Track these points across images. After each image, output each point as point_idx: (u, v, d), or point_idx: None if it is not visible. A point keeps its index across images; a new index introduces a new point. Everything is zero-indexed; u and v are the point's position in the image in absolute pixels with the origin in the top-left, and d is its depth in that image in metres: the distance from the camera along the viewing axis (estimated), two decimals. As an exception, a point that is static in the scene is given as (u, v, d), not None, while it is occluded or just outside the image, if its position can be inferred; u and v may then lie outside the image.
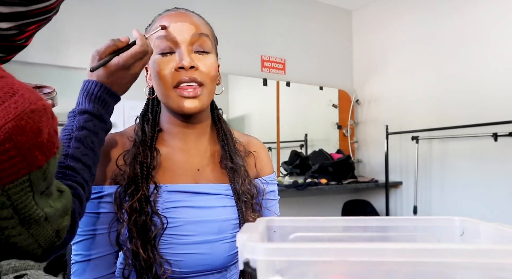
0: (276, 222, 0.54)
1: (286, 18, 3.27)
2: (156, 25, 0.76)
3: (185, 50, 0.73)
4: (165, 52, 0.74)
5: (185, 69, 0.72)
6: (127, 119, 2.52)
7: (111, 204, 0.73)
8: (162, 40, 0.74)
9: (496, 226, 0.46)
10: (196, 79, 0.73)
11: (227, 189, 0.79)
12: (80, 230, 0.72)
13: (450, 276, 0.37)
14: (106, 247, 0.74)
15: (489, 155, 2.57)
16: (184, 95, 0.72)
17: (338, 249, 0.34)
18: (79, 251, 0.73)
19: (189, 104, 0.73)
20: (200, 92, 0.73)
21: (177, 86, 0.73)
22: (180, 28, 0.74)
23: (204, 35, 0.76)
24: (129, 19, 2.59)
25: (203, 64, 0.74)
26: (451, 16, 2.83)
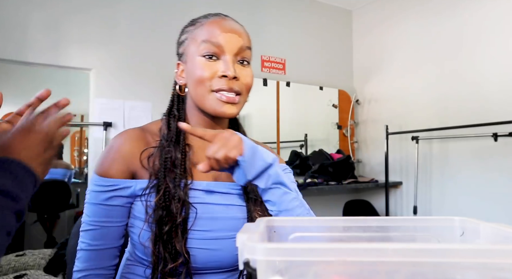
0: (276, 222, 0.54)
1: (286, 18, 3.27)
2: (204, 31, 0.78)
3: (231, 60, 0.77)
4: (210, 56, 0.76)
5: (228, 78, 0.75)
6: (127, 119, 2.53)
7: (124, 198, 0.76)
8: (209, 45, 0.76)
9: (496, 226, 0.46)
10: (236, 89, 0.77)
11: (240, 189, 0.83)
12: (90, 220, 0.76)
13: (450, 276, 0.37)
14: (112, 240, 0.78)
15: (489, 155, 2.57)
16: (224, 100, 0.76)
17: (338, 249, 0.34)
18: (85, 240, 0.77)
19: (228, 110, 0.77)
20: (237, 100, 0.77)
21: (216, 91, 0.76)
22: (229, 38, 0.77)
23: (248, 48, 0.80)
24: (129, 19, 2.59)
25: (243, 75, 0.78)
26: (451, 16, 2.83)
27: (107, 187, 0.75)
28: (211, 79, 0.76)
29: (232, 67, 0.76)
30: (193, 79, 0.77)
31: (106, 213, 0.76)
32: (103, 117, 2.45)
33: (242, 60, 0.79)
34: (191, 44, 0.79)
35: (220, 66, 0.76)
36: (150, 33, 2.66)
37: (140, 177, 0.77)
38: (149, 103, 2.59)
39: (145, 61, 2.63)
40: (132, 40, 2.57)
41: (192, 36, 0.80)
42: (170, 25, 2.75)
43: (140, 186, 0.76)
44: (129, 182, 0.76)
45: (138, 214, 0.76)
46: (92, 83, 2.48)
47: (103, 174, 0.76)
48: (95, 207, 0.76)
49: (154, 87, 2.63)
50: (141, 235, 0.74)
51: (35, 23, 2.31)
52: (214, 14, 0.82)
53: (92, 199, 0.77)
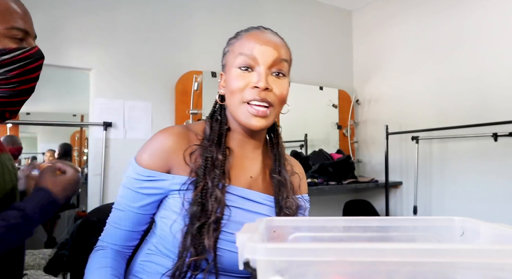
0: (276, 222, 0.54)
1: (286, 18, 3.27)
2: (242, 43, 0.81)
3: (263, 72, 0.78)
4: (244, 67, 0.79)
5: (260, 89, 0.77)
6: (127, 119, 2.53)
7: (158, 190, 0.80)
8: (244, 57, 0.79)
9: (496, 226, 0.46)
10: (268, 100, 0.78)
11: (271, 201, 0.86)
12: (122, 201, 0.82)
13: (450, 276, 0.37)
14: (136, 225, 0.83)
15: (489, 155, 2.57)
16: (253, 113, 0.78)
17: (338, 249, 0.34)
18: (114, 218, 0.83)
19: (256, 123, 0.79)
20: (269, 113, 0.79)
21: (248, 102, 0.78)
22: (264, 51, 0.79)
23: (284, 61, 0.82)
24: (130, 20, 2.59)
25: (277, 87, 0.80)
26: (451, 16, 2.83)
27: (145, 177, 0.79)
28: (244, 90, 0.78)
29: (264, 78, 0.77)
30: (229, 89, 0.81)
31: (137, 200, 0.80)
32: (103, 117, 2.45)
33: (278, 72, 0.81)
34: (230, 55, 0.83)
35: (253, 77, 0.78)
36: (150, 33, 2.66)
37: (176, 172, 0.80)
38: (149, 103, 2.59)
39: (145, 61, 2.63)
40: (132, 40, 2.57)
41: (232, 48, 0.83)
42: (170, 25, 2.75)
43: (176, 181, 0.79)
44: (166, 176, 0.79)
45: (173, 208, 0.79)
46: (92, 83, 2.48)
47: (143, 165, 0.80)
48: (129, 192, 0.81)
49: (154, 87, 2.63)
50: (173, 226, 0.77)
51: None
52: (255, 27, 0.85)
53: (128, 183, 0.81)
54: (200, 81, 2.66)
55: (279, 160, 0.89)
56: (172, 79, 2.70)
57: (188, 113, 2.65)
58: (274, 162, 0.89)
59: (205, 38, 2.82)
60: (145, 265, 0.83)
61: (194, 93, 2.66)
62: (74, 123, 6.00)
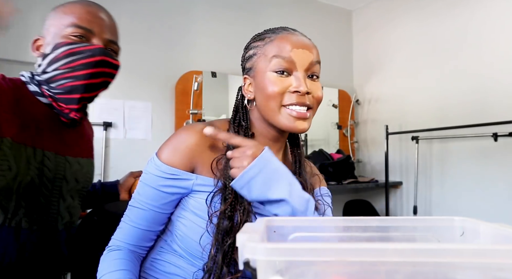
0: (276, 222, 0.54)
1: (286, 18, 3.27)
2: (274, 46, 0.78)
3: (302, 76, 0.78)
4: (281, 71, 0.77)
5: (301, 93, 0.77)
6: (127, 119, 2.53)
7: (179, 189, 0.77)
8: (280, 60, 0.77)
9: (496, 226, 0.46)
10: (307, 104, 0.78)
11: None
12: (140, 199, 0.78)
13: (450, 276, 0.37)
14: (154, 224, 0.80)
15: (489, 155, 2.57)
16: (295, 116, 0.77)
17: (338, 249, 0.34)
18: (130, 215, 0.80)
19: (301, 125, 0.78)
20: (308, 115, 0.79)
21: (287, 106, 0.77)
22: (301, 54, 0.78)
23: (317, 63, 0.82)
24: (129, 19, 2.59)
25: (314, 90, 0.80)
26: (451, 16, 2.83)
27: (168, 174, 0.76)
28: (283, 94, 0.77)
29: (304, 82, 0.77)
30: (264, 94, 0.78)
31: (158, 198, 0.77)
32: (103, 117, 2.45)
33: (312, 75, 0.81)
34: (260, 59, 0.80)
35: (292, 81, 0.77)
36: (150, 33, 2.66)
37: (199, 172, 0.78)
38: (149, 103, 2.59)
39: (145, 61, 2.63)
40: (132, 40, 2.57)
41: (261, 52, 0.80)
42: (170, 25, 2.75)
43: (200, 182, 0.77)
44: (190, 175, 0.77)
45: (194, 209, 0.77)
46: (92, 83, 2.48)
47: (166, 162, 0.76)
48: (149, 189, 0.77)
49: (154, 87, 2.63)
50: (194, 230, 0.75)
51: (35, 23, 2.31)
52: (282, 28, 0.83)
53: (148, 180, 0.78)
54: (200, 81, 2.66)
55: (299, 162, 0.88)
56: (172, 79, 2.70)
57: (188, 113, 2.65)
58: (295, 163, 0.88)
59: (205, 38, 2.82)
60: (157, 263, 0.81)
61: (194, 93, 2.66)
62: (74, 123, 5.98)
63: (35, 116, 0.85)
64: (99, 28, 0.89)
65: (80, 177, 0.96)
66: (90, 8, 0.90)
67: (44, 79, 0.86)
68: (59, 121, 0.90)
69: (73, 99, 0.86)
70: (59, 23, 0.86)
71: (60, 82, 0.84)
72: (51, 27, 0.88)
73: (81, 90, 0.85)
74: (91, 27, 0.87)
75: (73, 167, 0.93)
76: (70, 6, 0.89)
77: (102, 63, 0.86)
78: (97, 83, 0.89)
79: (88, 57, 0.83)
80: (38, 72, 0.88)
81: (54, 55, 0.84)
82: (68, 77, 0.84)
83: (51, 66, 0.84)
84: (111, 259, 0.76)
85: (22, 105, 0.83)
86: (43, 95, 0.88)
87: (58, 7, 0.91)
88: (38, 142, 0.84)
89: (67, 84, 0.84)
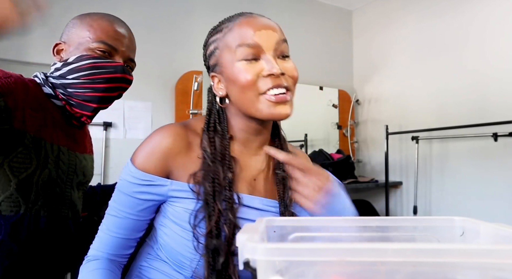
0: (276, 222, 0.54)
1: (286, 18, 3.27)
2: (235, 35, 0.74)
3: (272, 57, 0.72)
4: (250, 58, 0.72)
5: (275, 76, 0.71)
6: (127, 119, 2.53)
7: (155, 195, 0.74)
8: (245, 48, 0.72)
9: (496, 226, 0.46)
10: (285, 85, 0.72)
11: (274, 206, 0.80)
12: (116, 206, 0.75)
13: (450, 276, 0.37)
14: (132, 232, 0.77)
15: (489, 155, 2.57)
16: (274, 101, 0.71)
17: (338, 249, 0.34)
18: (107, 224, 0.76)
19: (283, 110, 0.72)
20: (289, 97, 0.73)
21: (265, 92, 0.72)
22: (265, 36, 0.73)
23: (285, 41, 0.76)
24: (129, 19, 2.59)
25: (287, 69, 0.74)
26: (451, 16, 2.83)
27: (142, 181, 0.72)
28: (257, 80, 0.71)
29: (276, 64, 0.71)
30: (238, 85, 0.72)
31: (133, 205, 0.74)
32: (103, 117, 2.44)
33: (282, 55, 0.75)
34: (224, 52, 0.75)
35: (263, 65, 0.72)
36: (150, 33, 2.66)
37: (175, 177, 0.74)
38: (149, 103, 2.59)
39: (145, 61, 2.62)
40: (132, 40, 2.57)
41: (223, 44, 0.75)
42: (170, 25, 2.75)
43: (175, 187, 0.73)
44: (165, 181, 0.73)
45: (174, 219, 0.73)
46: (92, 83, 2.48)
47: (141, 168, 0.73)
48: (124, 196, 0.74)
49: (154, 87, 2.63)
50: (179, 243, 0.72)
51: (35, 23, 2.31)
52: (238, 14, 0.78)
53: (123, 187, 0.75)
54: (200, 81, 2.66)
55: None
56: (172, 79, 2.70)
57: (188, 113, 2.65)
58: None
59: (205, 38, 2.81)
60: (145, 270, 0.79)
61: (194, 93, 2.66)
62: (74, 123, 5.97)
63: (51, 115, 0.92)
64: (123, 46, 0.97)
65: (86, 171, 1.04)
66: (117, 26, 0.98)
67: (61, 83, 0.92)
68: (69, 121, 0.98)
69: (88, 107, 0.94)
70: (86, 35, 0.94)
71: (79, 90, 0.91)
72: (75, 36, 0.95)
73: (97, 101, 0.94)
74: (116, 46, 0.95)
75: (81, 162, 1.01)
76: (98, 21, 0.97)
77: (120, 79, 0.95)
78: (113, 96, 0.98)
79: (110, 73, 0.92)
80: (55, 75, 0.93)
81: (77, 65, 0.91)
82: (88, 87, 0.91)
83: (72, 74, 0.91)
84: (89, 270, 0.73)
85: (42, 103, 0.90)
86: (57, 98, 0.93)
87: (84, 17, 0.99)
88: (54, 138, 0.91)
89: (86, 94, 0.92)
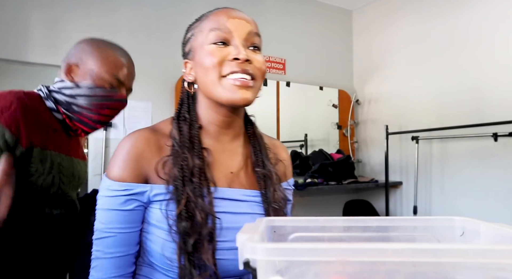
0: (276, 222, 0.54)
1: (286, 18, 3.27)
2: (210, 21, 0.76)
3: (241, 44, 0.73)
4: (220, 42, 0.73)
5: (241, 61, 0.71)
6: (127, 119, 2.53)
7: (140, 202, 0.72)
8: (217, 31, 0.73)
9: (496, 226, 0.46)
10: (250, 72, 0.72)
11: (256, 196, 0.79)
12: (105, 227, 0.71)
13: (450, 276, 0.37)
14: (129, 247, 0.73)
15: (489, 155, 2.57)
16: (237, 84, 0.71)
17: (338, 249, 0.34)
18: (101, 248, 0.72)
19: (243, 95, 0.71)
20: (252, 84, 0.73)
21: (226, 75, 0.72)
22: (238, 23, 0.75)
23: (257, 35, 0.77)
24: (129, 19, 2.59)
25: (256, 60, 0.74)
26: (451, 16, 2.83)
27: (122, 191, 0.70)
28: (222, 64, 0.71)
29: (243, 50, 0.72)
30: (203, 68, 0.73)
31: (123, 219, 0.71)
32: (103, 117, 2.45)
33: (253, 46, 0.76)
34: (198, 36, 0.76)
35: (231, 50, 0.72)
36: (150, 33, 2.66)
37: (153, 181, 0.72)
38: (149, 103, 2.59)
39: (145, 61, 2.62)
40: (132, 40, 2.57)
41: (198, 30, 0.77)
42: (171, 25, 2.75)
43: (155, 192, 0.71)
44: (144, 187, 0.71)
45: (155, 222, 0.72)
46: (92, 83, 2.48)
47: (116, 178, 0.71)
48: (109, 213, 0.71)
49: (154, 87, 2.63)
50: (158, 242, 0.71)
51: (35, 23, 2.31)
52: (219, 8, 0.80)
53: (105, 204, 0.71)
54: (200, 81, 2.66)
55: (260, 151, 0.82)
56: (172, 79, 2.70)
57: (188, 113, 2.65)
58: (255, 154, 0.82)
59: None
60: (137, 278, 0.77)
61: (194, 93, 2.66)
62: (74, 123, 5.97)
63: (51, 125, 1.02)
64: (128, 81, 1.11)
65: (80, 174, 1.14)
66: (124, 60, 1.10)
67: (69, 101, 1.02)
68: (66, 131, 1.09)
69: (88, 125, 1.06)
70: (101, 66, 1.04)
71: (86, 111, 1.03)
72: (88, 63, 1.05)
73: (98, 123, 1.07)
74: (124, 81, 1.08)
75: (77, 166, 1.11)
76: (113, 56, 1.07)
77: (122, 107, 1.11)
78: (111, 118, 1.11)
79: (117, 104, 1.07)
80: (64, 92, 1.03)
81: (88, 92, 1.02)
82: (95, 111, 1.04)
83: (81, 98, 1.02)
84: None
85: (42, 116, 0.99)
86: (58, 112, 1.03)
87: (100, 47, 1.10)
88: (57, 146, 1.02)
89: (91, 115, 1.04)
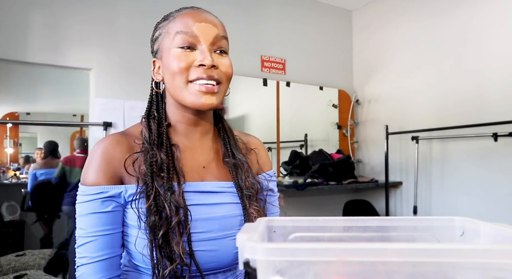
0: (276, 222, 0.54)
1: (286, 18, 3.27)
2: (177, 23, 0.77)
3: (207, 49, 0.75)
4: (186, 46, 0.75)
5: (207, 67, 0.73)
6: (127, 119, 2.53)
7: (117, 203, 0.72)
8: (183, 35, 0.75)
9: (496, 226, 0.46)
10: (215, 78, 0.74)
11: (231, 186, 0.81)
12: (86, 232, 0.71)
13: (450, 276, 0.37)
14: (113, 248, 0.73)
15: (489, 155, 2.57)
16: (202, 90, 0.73)
17: (338, 249, 0.34)
18: (85, 254, 0.71)
19: (207, 100, 0.74)
20: (217, 90, 0.75)
21: (193, 81, 0.74)
22: (204, 28, 0.76)
23: (224, 38, 0.79)
24: (129, 19, 2.59)
25: (222, 64, 0.77)
26: (451, 16, 2.83)
27: (98, 194, 0.71)
28: (188, 69, 0.74)
29: (209, 55, 0.74)
30: (170, 71, 0.75)
31: (103, 221, 0.71)
32: (103, 117, 2.45)
33: (220, 50, 0.77)
34: (165, 38, 0.77)
35: (197, 55, 0.74)
36: (150, 33, 2.66)
37: (128, 182, 0.73)
38: (149, 103, 2.59)
39: (145, 61, 2.62)
40: (132, 40, 2.57)
41: (165, 30, 0.78)
42: (170, 25, 2.75)
43: (130, 192, 0.72)
44: (118, 188, 0.72)
45: (130, 222, 0.73)
46: (92, 83, 2.48)
47: (90, 183, 0.71)
48: (89, 217, 0.70)
49: (154, 87, 2.63)
50: (137, 243, 0.71)
51: (35, 23, 2.31)
52: (187, 7, 0.81)
53: (83, 210, 0.71)
54: (200, 81, 2.66)
55: (228, 143, 0.84)
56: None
57: (188, 113, 2.65)
58: (224, 146, 0.84)
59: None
60: None
61: (194, 93, 2.66)
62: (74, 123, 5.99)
63: None
64: None
65: None
66: None
67: None
68: None
69: None
70: None
71: None
72: None
73: None
74: None
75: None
76: None
77: None
78: None
79: None
80: None
81: None
82: None
83: None
84: None
85: None
86: None
87: None
88: None
89: None
